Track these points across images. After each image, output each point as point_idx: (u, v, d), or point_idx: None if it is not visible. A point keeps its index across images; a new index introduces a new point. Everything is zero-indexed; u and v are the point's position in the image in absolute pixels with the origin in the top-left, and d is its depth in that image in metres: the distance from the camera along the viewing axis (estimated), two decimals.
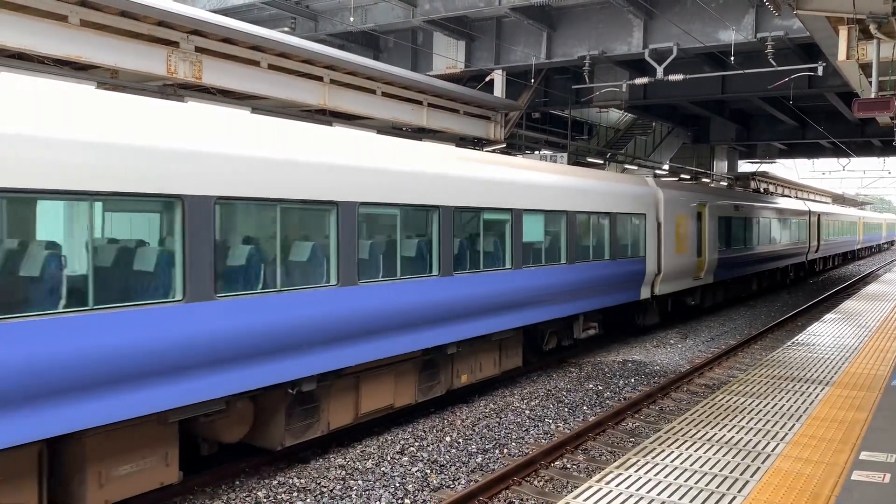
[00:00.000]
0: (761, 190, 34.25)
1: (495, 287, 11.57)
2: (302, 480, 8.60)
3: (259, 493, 8.23)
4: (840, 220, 46.55)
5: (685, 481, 5.97)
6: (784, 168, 49.71)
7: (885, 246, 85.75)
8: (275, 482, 8.54)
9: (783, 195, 39.16)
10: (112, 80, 11.31)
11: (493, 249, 11.70)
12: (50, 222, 6.44)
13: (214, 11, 16.11)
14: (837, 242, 45.31)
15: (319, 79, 14.13)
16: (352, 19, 17.57)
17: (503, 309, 11.82)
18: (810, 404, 8.35)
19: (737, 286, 25.93)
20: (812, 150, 42.37)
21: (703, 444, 6.95)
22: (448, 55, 19.22)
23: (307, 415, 8.89)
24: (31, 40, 9.82)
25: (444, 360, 11.21)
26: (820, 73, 16.59)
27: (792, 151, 43.53)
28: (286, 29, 18.26)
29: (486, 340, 11.98)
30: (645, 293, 17.25)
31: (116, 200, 6.57)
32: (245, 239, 7.84)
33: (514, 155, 20.16)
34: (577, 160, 24.77)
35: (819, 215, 38.23)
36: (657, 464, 6.40)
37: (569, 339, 14.99)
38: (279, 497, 8.16)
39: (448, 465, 9.20)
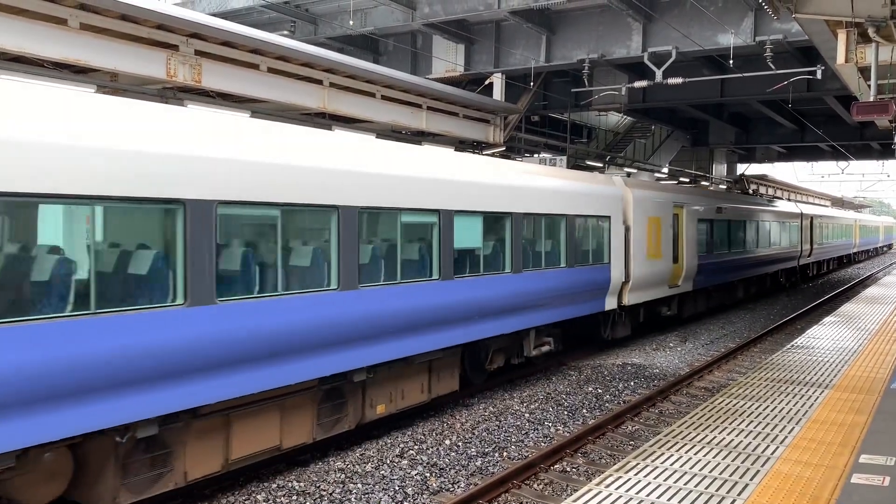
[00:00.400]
0: (750, 191, 33.13)
1: (416, 301, 9.90)
2: (301, 483, 8.59)
3: (258, 497, 8.21)
4: (835, 223, 44.52)
5: (685, 484, 5.97)
6: (773, 170, 50.18)
7: (884, 249, 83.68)
8: (274, 485, 8.53)
9: (775, 197, 38.07)
10: (112, 83, 11.32)
11: (416, 257, 10.06)
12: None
13: (214, 15, 16.12)
14: (832, 246, 43.29)
15: (319, 82, 14.14)
16: (351, 22, 17.60)
17: (429, 326, 10.19)
18: (810, 407, 8.34)
19: (721, 294, 24.37)
20: (811, 154, 42.42)
21: (703, 447, 6.95)
22: (447, 58, 19.25)
23: (154, 464, 7.24)
24: (30, 43, 9.83)
25: (351, 388, 9.51)
26: (819, 76, 16.63)
27: (791, 155, 43.58)
28: (286, 32, 18.30)
29: (410, 363, 10.33)
30: (611, 303, 15.61)
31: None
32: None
33: (514, 159, 20.17)
34: (576, 163, 24.81)
35: (812, 218, 36.56)
36: (657, 467, 6.39)
37: (519, 356, 13.42)
38: (278, 500, 8.15)
39: (447, 469, 9.19)
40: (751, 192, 33.42)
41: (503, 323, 11.91)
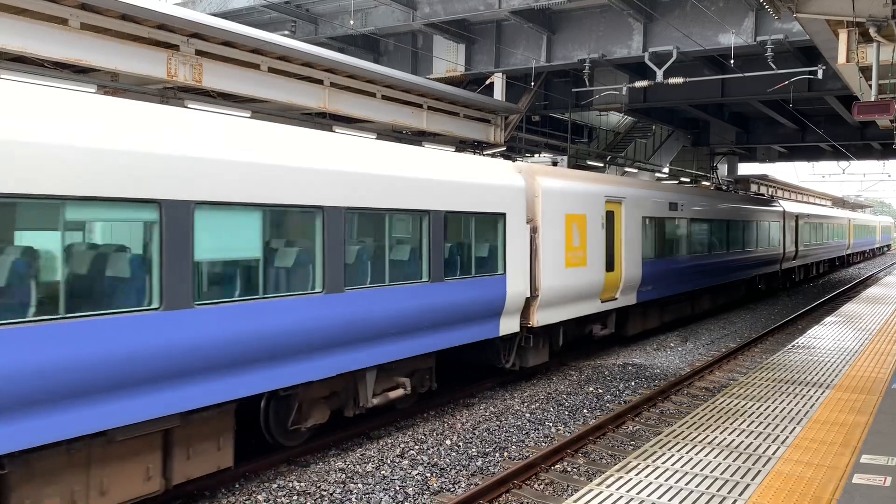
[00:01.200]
0: (724, 187, 30.19)
1: (124, 344, 6.47)
2: (302, 483, 8.58)
3: (259, 497, 8.21)
4: (825, 222, 40.23)
5: (686, 484, 5.96)
6: (774, 170, 49.47)
7: (882, 250, 79.28)
8: (274, 485, 8.52)
9: (758, 194, 34.43)
10: (112, 83, 11.32)
11: (128, 276, 6.64)
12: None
13: (215, 15, 16.13)
14: (822, 248, 39.24)
15: (320, 82, 14.14)
16: (352, 22, 17.60)
17: (140, 384, 6.67)
18: (811, 407, 8.34)
19: (679, 306, 20.59)
20: (812, 154, 42.41)
21: (704, 447, 6.94)
22: (448, 58, 19.25)
23: None
24: (31, 43, 9.83)
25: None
26: (820, 76, 16.62)
27: (792, 154, 43.57)
28: (286, 32, 18.30)
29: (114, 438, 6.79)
30: (510, 326, 12.27)
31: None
32: None
33: (513, 159, 20.17)
34: (577, 163, 24.78)
35: (797, 217, 32.84)
36: (658, 467, 6.39)
37: (355, 407, 9.93)
38: (279, 500, 8.15)
39: (448, 469, 9.19)
40: (725, 187, 30.77)
41: (313, 366, 8.55)
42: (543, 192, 13.12)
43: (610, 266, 15.43)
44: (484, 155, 16.56)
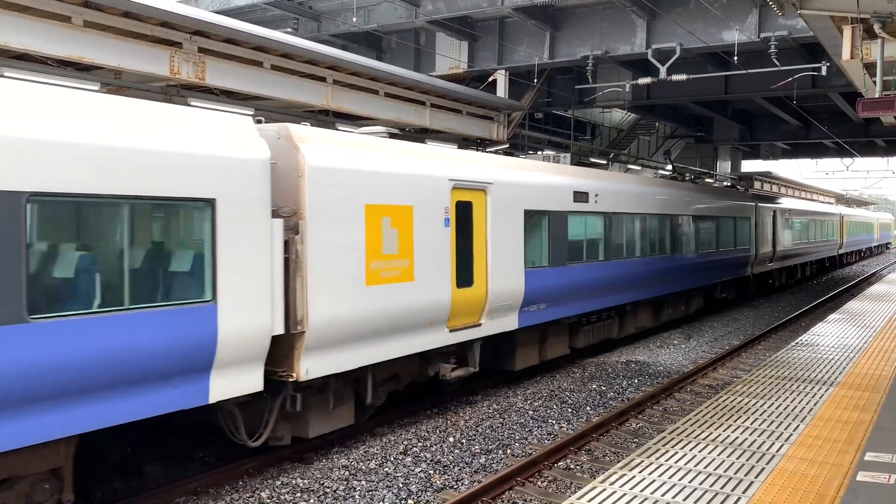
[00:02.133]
0: (683, 177, 25.65)
1: None
2: (305, 481, 8.59)
3: (262, 494, 8.22)
4: (811, 218, 33.98)
5: (689, 482, 5.95)
6: (778, 167, 48.43)
7: (881, 249, 71.97)
8: (278, 482, 8.53)
9: (731, 187, 28.32)
10: (115, 80, 11.34)
11: None
12: None
13: (217, 12, 16.11)
14: (808, 247, 33.68)
15: (323, 79, 14.15)
16: (354, 20, 17.58)
17: None
18: (815, 405, 8.32)
19: (600, 325, 15.77)
20: (816, 151, 42.31)
21: (707, 444, 6.93)
22: (451, 55, 19.23)
23: None
24: (34, 41, 9.84)
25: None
26: (824, 72, 16.58)
27: (795, 151, 43.47)
28: (289, 30, 18.29)
29: None
30: (242, 384, 7.74)
31: None
32: None
33: (517, 156, 20.15)
34: (580, 161, 24.76)
35: (776, 212, 27.52)
36: (661, 464, 6.38)
37: None
38: (282, 497, 8.16)
39: (451, 466, 9.19)
40: (678, 175, 26.05)
41: None
42: (311, 171, 8.48)
43: (465, 280, 11.06)
44: (487, 152, 16.54)
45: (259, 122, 8.62)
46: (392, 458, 9.38)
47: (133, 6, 10.45)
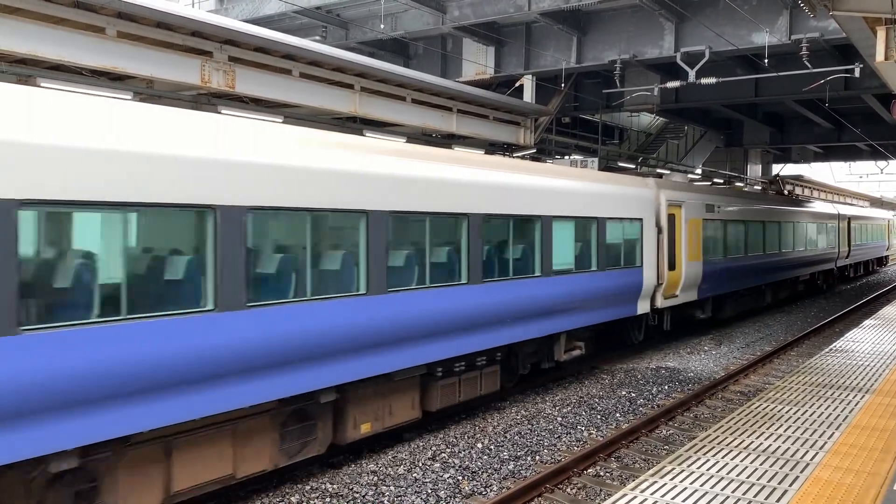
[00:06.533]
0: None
1: None
2: (335, 486, 8.63)
3: (292, 499, 8.27)
4: (791, 219, 25.99)
5: (721, 490, 5.88)
6: (811, 170, 46.47)
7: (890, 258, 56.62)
8: (307, 487, 8.58)
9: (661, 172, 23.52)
10: (148, 89, 11.52)
11: None
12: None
13: (247, 21, 16.32)
14: (795, 258, 26.09)
15: (350, 86, 14.23)
16: (382, 27, 17.68)
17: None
18: (850, 412, 8.17)
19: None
20: (849, 153, 41.63)
21: (740, 452, 6.84)
22: (477, 61, 19.25)
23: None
24: (69, 52, 10.04)
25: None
26: (857, 74, 16.30)
27: (828, 154, 42.81)
28: (317, 38, 18.45)
29: None
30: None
31: None
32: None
33: (543, 160, 20.08)
34: (607, 165, 24.63)
35: (709, 208, 18.94)
36: (692, 472, 6.31)
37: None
38: (312, 502, 8.20)
39: (480, 472, 9.17)
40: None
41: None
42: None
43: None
44: (515, 156, 16.53)
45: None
46: (420, 464, 9.39)
47: (165, 16, 10.61)
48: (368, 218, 8.69)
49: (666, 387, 13.82)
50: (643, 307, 15.54)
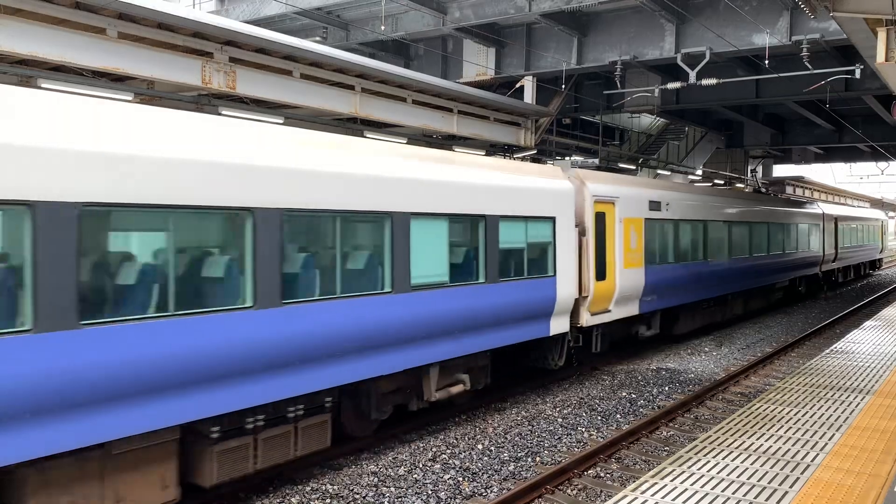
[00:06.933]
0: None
1: None
2: (335, 487, 8.63)
3: (292, 500, 8.27)
4: (766, 219, 23.14)
5: (722, 491, 5.88)
6: (811, 171, 45.88)
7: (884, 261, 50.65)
8: (308, 488, 8.58)
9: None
10: (148, 90, 11.53)
11: None
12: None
13: (247, 22, 16.33)
14: (769, 262, 23.30)
15: (351, 87, 14.24)
16: (382, 28, 17.69)
17: None
18: (850, 413, 8.17)
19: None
20: (849, 154, 41.60)
21: (741, 453, 6.84)
22: (478, 62, 19.25)
23: None
24: (70, 53, 10.05)
25: None
26: (857, 75, 16.30)
27: (828, 155, 42.78)
28: (318, 39, 18.46)
29: None
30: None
31: None
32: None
33: (544, 162, 20.09)
34: (608, 166, 24.65)
35: (614, 202, 14.71)
36: (693, 473, 6.30)
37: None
38: (313, 503, 8.20)
39: (480, 473, 9.17)
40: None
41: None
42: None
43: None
44: (515, 158, 16.49)
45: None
46: (421, 465, 9.38)
47: (166, 17, 10.62)
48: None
49: (666, 388, 13.81)
50: (559, 326, 12.68)
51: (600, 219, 14.04)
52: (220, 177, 7.20)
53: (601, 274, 13.84)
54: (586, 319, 13.53)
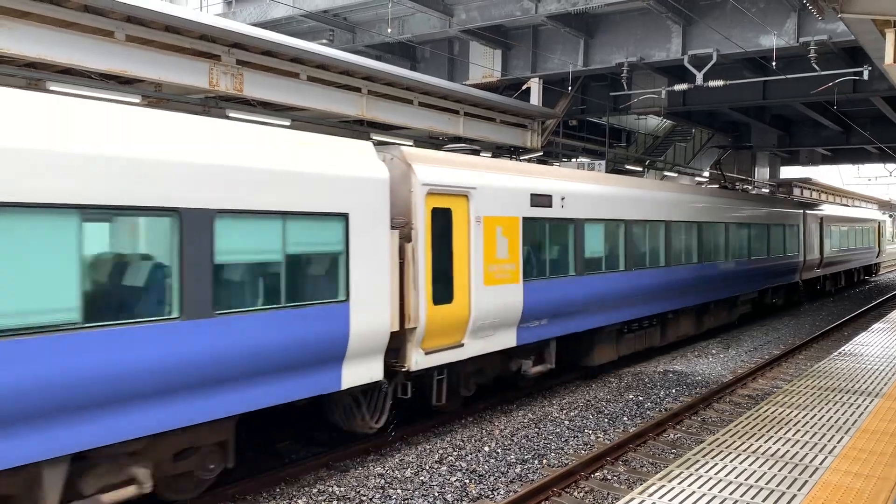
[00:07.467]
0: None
1: None
2: (341, 489, 8.63)
3: (299, 501, 8.28)
4: (723, 218, 19.06)
5: (730, 494, 5.85)
6: (818, 172, 45.80)
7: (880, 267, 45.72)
8: (314, 490, 8.59)
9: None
10: (156, 93, 11.57)
11: None
12: None
13: (255, 25, 16.37)
14: (727, 270, 19.17)
15: (358, 90, 14.28)
16: (389, 30, 17.72)
17: None
18: (859, 416, 8.13)
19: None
20: (857, 156, 41.46)
21: (748, 456, 6.81)
22: (484, 64, 19.27)
23: None
24: (79, 56, 10.10)
25: None
26: (865, 77, 16.26)
27: (836, 157, 42.64)
28: (325, 41, 18.52)
29: None
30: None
31: None
32: None
33: (550, 163, 20.07)
34: (615, 168, 24.62)
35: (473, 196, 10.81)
36: (701, 476, 6.28)
37: None
38: None
39: (487, 475, 9.16)
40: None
41: None
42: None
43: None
44: (521, 160, 16.45)
45: None
46: (427, 467, 9.38)
47: (174, 20, 10.67)
48: None
49: (673, 390, 13.78)
50: (362, 373, 8.86)
51: (441, 218, 10.12)
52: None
53: (443, 295, 10.05)
54: (416, 361, 9.68)
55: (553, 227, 12.32)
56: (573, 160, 22.82)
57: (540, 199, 12.01)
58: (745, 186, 29.57)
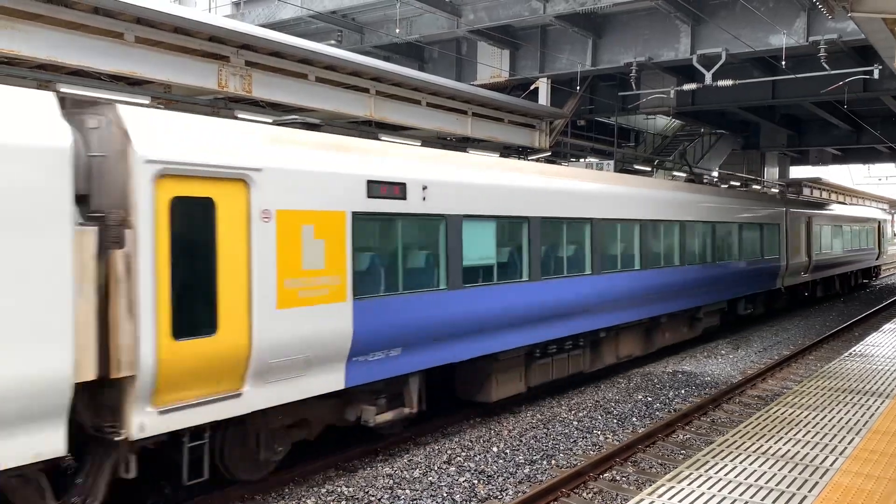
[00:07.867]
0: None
1: None
2: (350, 489, 8.65)
3: (308, 501, 8.30)
4: (679, 216, 16.07)
5: (740, 495, 5.83)
6: (827, 172, 45.35)
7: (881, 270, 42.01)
8: (323, 490, 8.60)
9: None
10: (165, 94, 11.62)
11: None
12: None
13: (263, 26, 16.41)
14: (681, 279, 16.16)
15: (366, 90, 14.29)
16: (397, 31, 17.74)
17: None
18: (870, 417, 8.09)
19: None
20: (868, 155, 41.24)
21: (758, 457, 6.79)
22: (492, 64, 19.26)
23: None
24: (89, 57, 10.15)
25: None
26: (876, 76, 16.17)
27: (846, 157, 42.43)
28: (332, 42, 18.55)
29: None
30: None
31: None
32: None
33: (558, 163, 20.04)
34: (623, 168, 24.56)
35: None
36: (710, 477, 6.26)
37: None
38: None
39: (495, 476, 9.15)
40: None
41: None
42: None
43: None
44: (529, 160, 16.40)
45: None
46: (436, 468, 9.38)
47: (183, 22, 10.71)
48: None
49: (683, 391, 13.73)
50: (15, 449, 5.72)
51: (192, 212, 7.03)
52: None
53: (195, 324, 7.00)
54: (142, 424, 6.61)
55: (409, 227, 9.49)
56: (581, 160, 22.79)
57: (384, 189, 8.97)
58: (718, 181, 26.34)
